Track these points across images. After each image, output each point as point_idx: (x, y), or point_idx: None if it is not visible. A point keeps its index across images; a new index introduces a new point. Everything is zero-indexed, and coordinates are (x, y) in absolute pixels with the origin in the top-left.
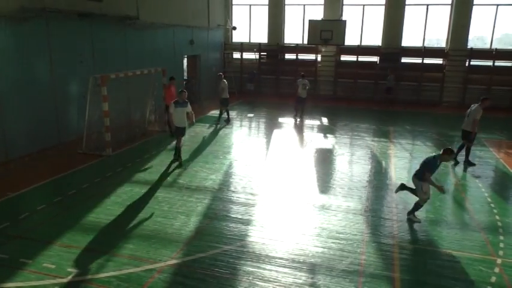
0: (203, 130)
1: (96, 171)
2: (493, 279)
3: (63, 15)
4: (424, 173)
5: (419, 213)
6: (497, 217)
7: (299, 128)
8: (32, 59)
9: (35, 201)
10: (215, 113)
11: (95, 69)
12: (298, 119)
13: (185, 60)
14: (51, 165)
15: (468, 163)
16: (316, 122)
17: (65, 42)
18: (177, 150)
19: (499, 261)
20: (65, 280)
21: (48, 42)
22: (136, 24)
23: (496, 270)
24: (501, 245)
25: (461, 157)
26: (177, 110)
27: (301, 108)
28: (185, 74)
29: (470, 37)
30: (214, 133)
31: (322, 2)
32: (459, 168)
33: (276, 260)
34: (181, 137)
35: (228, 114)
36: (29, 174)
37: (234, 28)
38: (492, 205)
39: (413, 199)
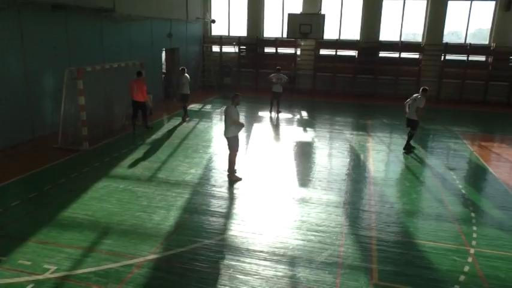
0: (182, 124)
1: (73, 166)
2: (466, 268)
3: (36, 7)
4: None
5: (398, 206)
6: (470, 208)
7: (276, 122)
8: (3, 51)
9: (9, 197)
10: (194, 107)
11: (70, 62)
12: (274, 114)
13: (163, 54)
14: (26, 161)
15: (408, 148)
16: (296, 116)
17: (39, 34)
18: (230, 165)
19: (472, 251)
20: (41, 277)
21: (21, 34)
22: (113, 16)
23: (469, 259)
24: (474, 235)
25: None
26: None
27: (276, 103)
28: (163, 67)
29: (445, 32)
30: (194, 127)
31: None
32: (434, 161)
33: (256, 253)
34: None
35: (185, 112)
36: (2, 170)
37: (213, 21)
38: (466, 196)
39: (390, 192)
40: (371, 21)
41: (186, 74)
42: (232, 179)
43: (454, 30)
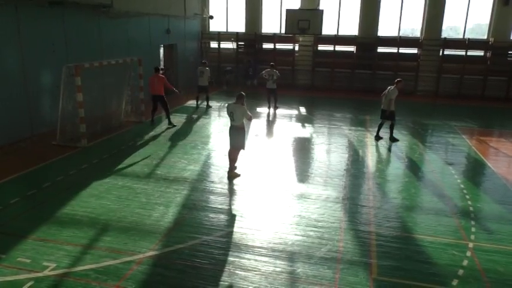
0: (180, 120)
1: (72, 163)
2: (465, 262)
3: (33, 2)
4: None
5: (397, 201)
6: (469, 202)
7: (275, 118)
8: (1, 47)
9: (8, 194)
10: (192, 103)
11: (68, 58)
12: (272, 109)
13: (161, 50)
14: (24, 158)
15: (392, 139)
16: (294, 112)
17: (36, 31)
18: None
19: (470, 245)
20: (41, 274)
21: (18, 31)
22: (110, 12)
23: (468, 254)
24: (473, 229)
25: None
26: None
27: (273, 99)
28: (161, 63)
29: (444, 27)
30: (192, 123)
31: None
32: (433, 156)
33: (256, 249)
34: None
35: (197, 101)
36: (0, 167)
37: (211, 17)
38: (464, 191)
39: (389, 187)
40: (369, 16)
41: (207, 68)
42: (232, 175)
43: (452, 25)
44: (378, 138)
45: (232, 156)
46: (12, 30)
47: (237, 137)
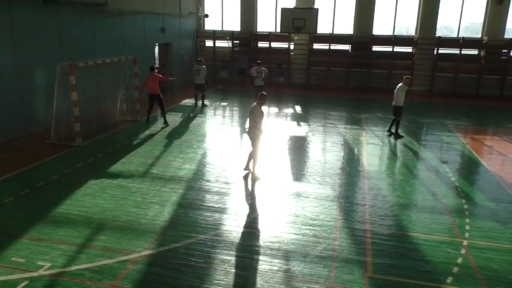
0: (176, 119)
1: (66, 162)
2: (459, 260)
3: (27, 0)
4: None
5: (392, 199)
6: (463, 200)
7: (268, 117)
8: None
9: (2, 194)
10: (188, 102)
11: (62, 57)
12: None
13: (156, 48)
14: (19, 157)
15: (397, 136)
16: (289, 110)
17: (30, 29)
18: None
19: (465, 242)
20: (35, 274)
21: (12, 29)
22: (105, 11)
23: (462, 251)
24: (467, 227)
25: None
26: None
27: None
28: (157, 62)
29: (438, 26)
30: (188, 122)
31: None
32: (427, 154)
33: (251, 247)
34: None
35: (196, 99)
36: None
37: (206, 16)
38: (459, 189)
39: (383, 185)
40: (364, 15)
41: (196, 65)
42: (255, 178)
43: (446, 24)
44: (397, 136)
45: (253, 157)
46: (5, 29)
47: (252, 140)
